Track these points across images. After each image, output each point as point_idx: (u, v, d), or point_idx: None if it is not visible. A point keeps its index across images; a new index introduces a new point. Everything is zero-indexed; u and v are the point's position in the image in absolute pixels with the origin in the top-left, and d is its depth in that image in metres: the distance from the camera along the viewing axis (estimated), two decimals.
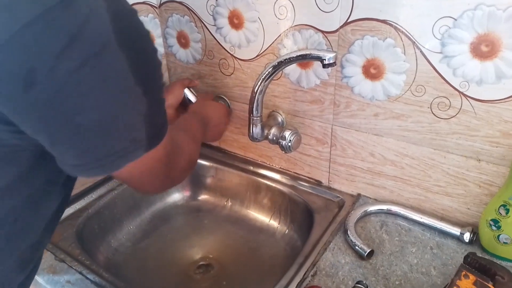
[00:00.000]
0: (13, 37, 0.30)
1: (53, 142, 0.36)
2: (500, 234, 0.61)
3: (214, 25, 0.82)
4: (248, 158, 0.93)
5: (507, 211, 0.59)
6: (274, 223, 0.87)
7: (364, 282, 0.54)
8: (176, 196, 0.95)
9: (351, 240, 0.66)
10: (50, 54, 0.31)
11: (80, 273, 0.64)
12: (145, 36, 0.38)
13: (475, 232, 0.65)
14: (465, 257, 0.55)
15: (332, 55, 0.62)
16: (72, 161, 0.38)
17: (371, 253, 0.64)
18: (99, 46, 0.33)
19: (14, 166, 0.39)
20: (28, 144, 0.38)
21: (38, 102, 0.32)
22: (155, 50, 0.40)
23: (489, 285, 0.49)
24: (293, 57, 0.65)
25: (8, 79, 0.31)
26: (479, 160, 0.64)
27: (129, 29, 0.36)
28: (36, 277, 0.63)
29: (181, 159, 0.53)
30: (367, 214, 0.74)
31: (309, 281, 0.60)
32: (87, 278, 0.63)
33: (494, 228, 0.61)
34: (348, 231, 0.67)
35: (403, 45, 0.62)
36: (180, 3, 0.85)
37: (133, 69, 0.36)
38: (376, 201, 0.77)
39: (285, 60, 0.66)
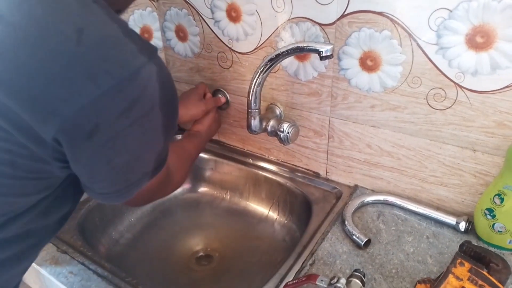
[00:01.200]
0: (93, 102, 0.36)
1: (91, 177, 0.44)
2: (495, 223, 0.62)
3: (212, 18, 0.82)
4: (247, 151, 0.94)
5: (502, 200, 0.60)
6: (273, 215, 0.88)
7: (361, 270, 0.55)
8: None
9: (348, 230, 0.67)
10: (114, 114, 0.38)
11: (82, 264, 0.65)
12: (176, 96, 0.46)
13: (470, 221, 0.66)
14: (461, 246, 0.56)
15: (329, 47, 0.62)
16: (99, 190, 0.45)
17: (368, 243, 0.65)
18: (148, 108, 0.40)
19: (43, 192, 0.45)
20: (66, 176, 0.45)
21: (93, 148, 0.39)
22: (178, 103, 0.47)
23: (484, 272, 0.50)
24: (291, 49, 0.66)
25: (77, 130, 0.38)
26: (475, 150, 0.64)
27: (168, 92, 0.43)
28: (39, 269, 0.64)
29: (169, 187, 0.62)
30: (364, 205, 0.75)
31: (308, 270, 0.61)
32: (89, 268, 0.64)
33: (489, 217, 0.62)
34: (346, 221, 0.68)
35: (399, 37, 0.62)
36: None
37: (164, 124, 0.43)
38: (373, 191, 0.78)
39: (282, 52, 0.67)
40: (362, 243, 0.64)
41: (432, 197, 0.73)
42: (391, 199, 0.74)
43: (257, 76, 0.70)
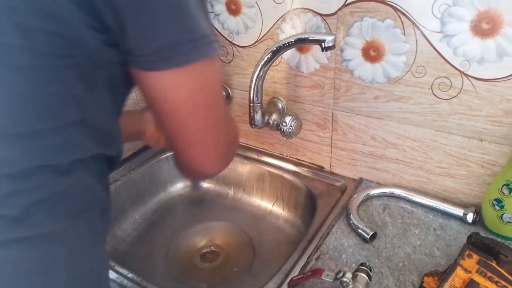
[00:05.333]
0: None
1: (134, 22, 0.37)
2: (503, 214, 0.61)
3: (212, 12, 0.81)
4: (250, 146, 0.93)
5: (510, 190, 0.59)
6: (277, 210, 0.87)
7: (367, 264, 0.54)
8: (179, 186, 0.95)
9: (353, 223, 0.66)
10: None
11: None
12: None
13: (478, 213, 0.65)
14: (469, 237, 0.55)
15: (331, 38, 0.61)
16: (160, 41, 0.38)
17: (374, 236, 0.64)
18: None
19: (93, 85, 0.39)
20: (108, 62, 0.39)
21: None
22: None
23: (493, 264, 0.49)
24: (292, 41, 0.65)
25: None
26: (482, 140, 0.63)
27: None
28: None
29: (233, 122, 0.53)
30: (369, 198, 0.74)
31: (313, 264, 0.61)
32: None
33: (497, 207, 0.61)
34: (351, 215, 0.67)
35: (403, 25, 0.61)
36: None
37: None
38: (378, 184, 0.77)
39: (284, 45, 0.66)
40: (368, 237, 0.63)
41: (438, 189, 0.71)
42: (397, 191, 0.73)
43: (258, 69, 0.70)
